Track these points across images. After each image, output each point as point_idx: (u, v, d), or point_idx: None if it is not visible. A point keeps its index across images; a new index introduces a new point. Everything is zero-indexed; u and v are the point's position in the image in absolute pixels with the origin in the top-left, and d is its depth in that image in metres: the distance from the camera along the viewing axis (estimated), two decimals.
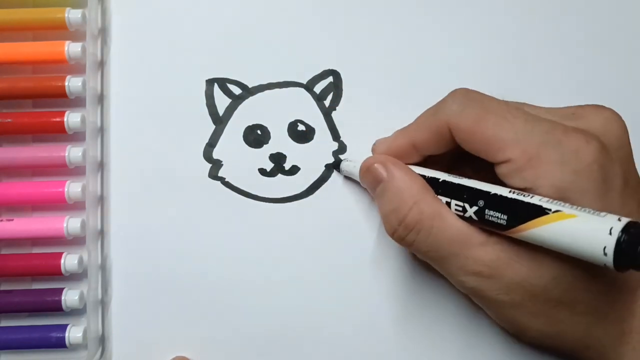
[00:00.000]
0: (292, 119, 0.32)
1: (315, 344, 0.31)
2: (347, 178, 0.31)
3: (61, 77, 0.31)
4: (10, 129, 0.31)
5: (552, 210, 0.21)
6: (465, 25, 0.33)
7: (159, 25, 0.33)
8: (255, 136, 0.32)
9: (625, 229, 0.19)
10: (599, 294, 0.23)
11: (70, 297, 0.30)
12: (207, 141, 0.32)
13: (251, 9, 0.33)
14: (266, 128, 0.32)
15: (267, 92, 0.32)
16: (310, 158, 0.32)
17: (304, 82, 0.32)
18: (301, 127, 0.32)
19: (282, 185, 0.31)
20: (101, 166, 0.32)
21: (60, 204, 0.31)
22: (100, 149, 0.32)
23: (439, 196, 0.25)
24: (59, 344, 0.30)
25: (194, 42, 0.32)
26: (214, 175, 0.32)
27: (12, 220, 0.30)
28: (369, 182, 0.28)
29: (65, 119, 0.31)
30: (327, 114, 0.32)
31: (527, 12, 0.33)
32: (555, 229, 0.20)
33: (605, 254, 0.19)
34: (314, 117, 0.32)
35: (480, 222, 0.23)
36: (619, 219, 0.19)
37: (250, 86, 0.32)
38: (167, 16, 0.33)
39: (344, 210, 0.31)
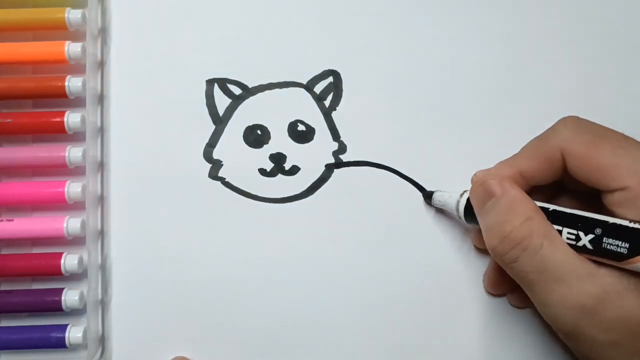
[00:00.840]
0: (292, 119, 0.32)
1: (315, 344, 0.31)
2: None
3: (61, 77, 0.31)
4: (10, 129, 0.31)
5: None
6: (465, 25, 0.33)
7: (159, 25, 0.33)
8: (255, 136, 0.32)
9: None
10: None
11: (70, 297, 0.30)
12: (207, 141, 0.32)
13: (251, 9, 0.33)
14: (266, 128, 0.32)
15: (267, 92, 0.32)
16: (310, 158, 0.32)
17: (304, 82, 0.32)
18: (301, 127, 0.32)
19: (282, 185, 0.31)
20: (101, 166, 0.32)
21: (60, 204, 0.31)
22: (100, 149, 0.32)
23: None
24: (59, 344, 0.30)
25: (194, 42, 0.32)
26: (214, 175, 0.32)
27: (12, 220, 0.30)
28: (479, 197, 0.26)
29: (65, 119, 0.31)
30: (327, 114, 0.32)
31: (527, 12, 0.33)
32: None
33: None
34: (314, 117, 0.32)
35: (595, 252, 0.23)
36: None
37: (250, 86, 0.32)
38: (167, 16, 0.33)
39: (344, 210, 0.31)
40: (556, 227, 0.24)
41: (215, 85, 0.32)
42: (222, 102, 0.32)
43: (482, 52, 0.32)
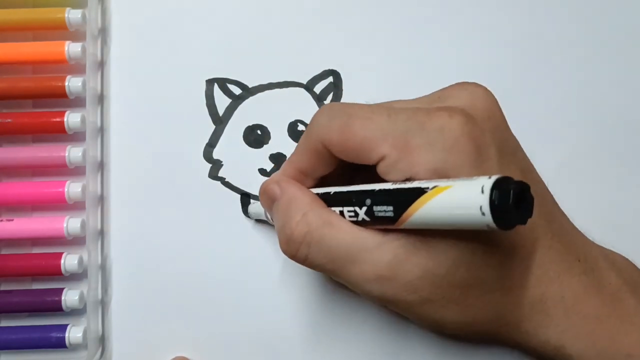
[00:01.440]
0: (292, 119, 0.32)
1: (315, 344, 0.31)
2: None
3: (61, 77, 0.31)
4: (10, 129, 0.31)
5: (430, 187, 0.20)
6: (465, 25, 0.33)
7: (159, 25, 0.33)
8: (255, 136, 0.32)
9: (496, 185, 0.18)
10: (501, 268, 0.23)
11: (70, 297, 0.30)
12: (207, 141, 0.32)
13: (251, 9, 0.33)
14: (266, 128, 0.32)
15: (267, 92, 0.32)
16: None
17: (304, 82, 0.32)
18: (301, 127, 0.32)
19: None
20: (101, 166, 0.32)
21: (60, 204, 0.31)
22: (100, 149, 0.32)
23: (332, 208, 0.24)
24: (59, 344, 0.30)
25: (194, 42, 0.33)
26: (214, 175, 0.32)
27: (12, 220, 0.30)
28: (266, 204, 0.27)
29: (65, 119, 0.31)
30: None
31: (527, 12, 0.33)
32: (435, 204, 0.20)
33: (483, 214, 0.18)
34: None
35: (373, 222, 0.23)
36: (489, 177, 0.19)
37: (250, 86, 0.32)
38: (167, 16, 0.33)
39: None
40: (338, 209, 0.24)
41: (215, 85, 0.32)
42: (222, 102, 0.32)
43: (482, 52, 0.32)
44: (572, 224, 0.27)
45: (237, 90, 0.32)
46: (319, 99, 0.32)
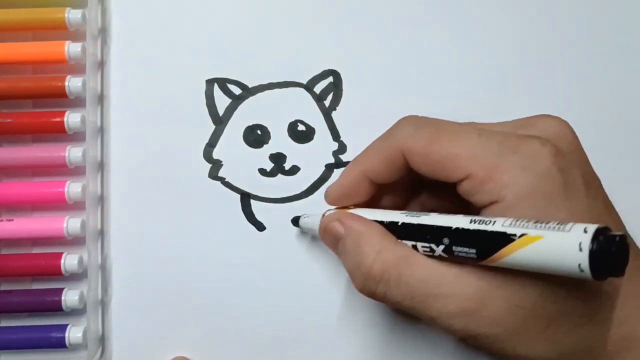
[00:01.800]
0: (292, 119, 0.32)
1: (314, 345, 0.31)
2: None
3: (61, 77, 0.31)
4: (10, 129, 0.31)
5: (518, 235, 0.20)
6: (465, 26, 0.33)
7: (159, 25, 0.33)
8: (255, 136, 0.32)
9: (594, 239, 0.18)
10: (588, 301, 0.22)
11: (70, 297, 0.30)
12: (207, 141, 0.32)
13: (251, 9, 0.33)
14: (266, 128, 0.32)
15: (267, 92, 0.32)
16: (310, 158, 0.32)
17: (304, 82, 0.32)
18: (301, 127, 0.32)
19: (282, 185, 0.31)
20: (101, 166, 0.32)
21: (60, 204, 0.31)
22: (100, 149, 0.32)
23: (403, 241, 0.24)
24: (59, 344, 0.30)
25: (194, 42, 0.33)
26: (214, 175, 0.32)
27: (12, 220, 0.30)
28: (329, 243, 0.27)
29: (65, 119, 0.31)
30: (327, 114, 0.32)
31: (527, 13, 0.33)
32: (525, 254, 0.20)
33: (581, 271, 0.18)
34: (314, 117, 0.32)
35: (452, 259, 0.22)
36: (585, 230, 0.18)
37: (250, 86, 0.32)
38: (167, 16, 0.33)
39: None
40: (410, 242, 0.23)
41: (215, 85, 0.32)
42: (222, 102, 0.32)
43: (482, 52, 0.32)
44: None
45: (237, 90, 0.32)
46: (319, 99, 0.32)
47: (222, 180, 0.32)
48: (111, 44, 0.33)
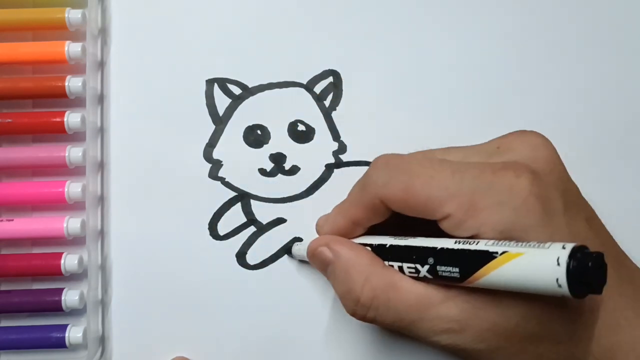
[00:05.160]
0: (292, 119, 0.32)
1: (314, 345, 0.31)
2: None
3: (61, 77, 0.31)
4: (10, 129, 0.31)
5: (499, 252, 0.20)
6: (465, 25, 0.33)
7: (159, 25, 0.33)
8: (255, 136, 0.32)
9: (571, 255, 0.18)
10: (571, 320, 0.23)
11: (70, 297, 0.30)
12: (207, 141, 0.32)
13: (251, 9, 0.33)
14: (266, 128, 0.32)
15: (267, 92, 0.32)
16: (310, 158, 0.32)
17: (304, 82, 0.32)
18: (301, 127, 0.32)
19: (282, 185, 0.31)
20: (101, 166, 0.32)
21: (60, 204, 0.31)
22: (100, 149, 0.32)
23: (390, 262, 0.25)
24: (59, 344, 0.30)
25: (194, 42, 0.32)
26: (214, 175, 0.32)
27: (12, 220, 0.30)
28: (318, 266, 0.28)
29: (65, 119, 0.31)
30: (327, 114, 0.32)
31: (527, 12, 0.33)
32: (506, 271, 0.20)
33: (559, 286, 0.19)
34: (314, 117, 0.32)
35: (436, 280, 0.23)
36: (563, 247, 0.19)
37: (250, 86, 0.32)
38: (167, 16, 0.33)
39: None
40: (397, 264, 0.24)
41: (215, 85, 0.32)
42: (222, 102, 0.32)
43: (482, 52, 0.32)
44: (633, 263, 0.26)
45: (237, 90, 0.32)
46: (319, 99, 0.32)
47: (222, 180, 0.32)
48: (111, 44, 0.33)
